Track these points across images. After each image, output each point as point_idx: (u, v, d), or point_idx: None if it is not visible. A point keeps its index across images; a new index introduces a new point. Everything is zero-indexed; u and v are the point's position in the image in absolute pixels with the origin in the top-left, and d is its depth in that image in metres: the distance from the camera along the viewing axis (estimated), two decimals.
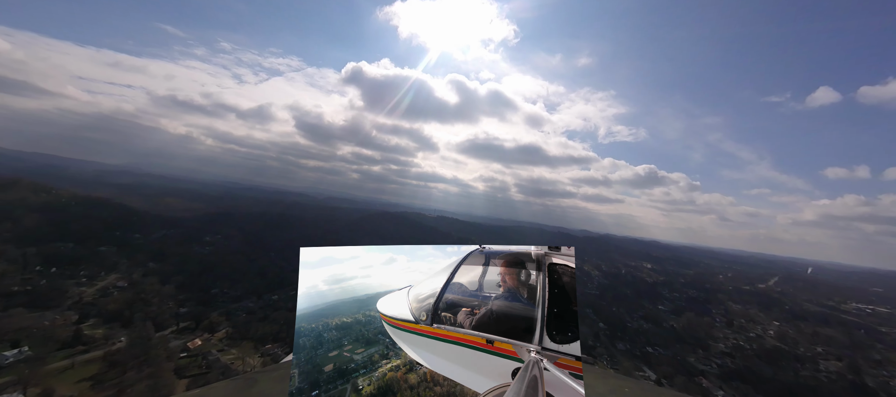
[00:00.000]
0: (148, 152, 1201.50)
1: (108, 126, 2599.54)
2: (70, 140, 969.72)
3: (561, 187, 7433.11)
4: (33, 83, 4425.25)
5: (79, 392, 37.82)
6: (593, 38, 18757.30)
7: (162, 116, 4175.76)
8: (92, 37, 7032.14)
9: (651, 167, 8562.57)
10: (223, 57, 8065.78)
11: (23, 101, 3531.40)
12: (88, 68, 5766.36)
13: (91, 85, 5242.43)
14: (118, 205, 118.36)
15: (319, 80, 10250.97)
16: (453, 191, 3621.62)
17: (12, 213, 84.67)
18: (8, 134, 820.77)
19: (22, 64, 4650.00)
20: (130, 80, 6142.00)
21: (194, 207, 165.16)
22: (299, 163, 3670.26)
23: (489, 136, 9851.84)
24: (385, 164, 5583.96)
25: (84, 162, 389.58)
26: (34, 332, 46.21)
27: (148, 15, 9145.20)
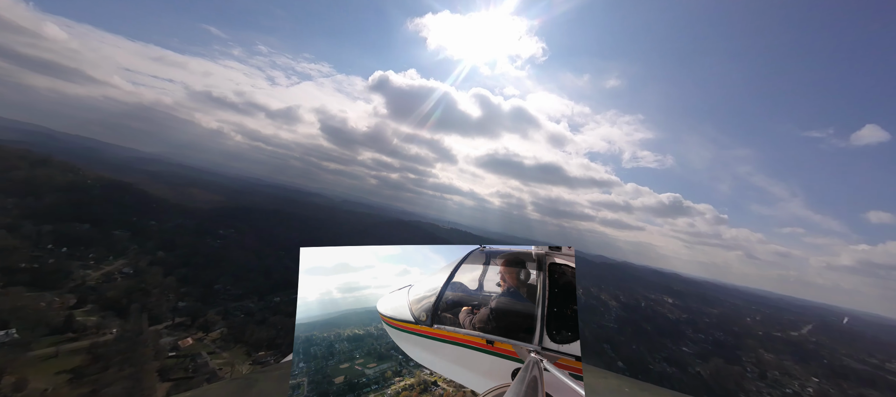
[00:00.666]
0: (180, 144, 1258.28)
1: (147, 116, 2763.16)
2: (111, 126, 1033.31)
3: (579, 209, 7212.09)
4: (84, 71, 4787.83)
5: (54, 385, 35.20)
6: (624, 60, 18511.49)
7: (196, 110, 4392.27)
8: (142, 32, 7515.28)
9: (676, 196, 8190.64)
10: (259, 59, 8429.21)
11: (72, 87, 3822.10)
12: (135, 61, 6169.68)
13: (135, 76, 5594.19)
14: (140, 191, 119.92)
15: (347, 87, 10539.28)
16: (468, 204, 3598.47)
17: (37, 190, 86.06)
18: (55, 116, 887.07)
19: (75, 53, 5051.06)
20: (171, 75, 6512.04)
21: (214, 200, 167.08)
22: (321, 164, 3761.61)
23: (509, 152, 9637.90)
24: (403, 172, 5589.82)
25: (120, 147, 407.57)
26: (28, 313, 44.45)
27: (194, 15, 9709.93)
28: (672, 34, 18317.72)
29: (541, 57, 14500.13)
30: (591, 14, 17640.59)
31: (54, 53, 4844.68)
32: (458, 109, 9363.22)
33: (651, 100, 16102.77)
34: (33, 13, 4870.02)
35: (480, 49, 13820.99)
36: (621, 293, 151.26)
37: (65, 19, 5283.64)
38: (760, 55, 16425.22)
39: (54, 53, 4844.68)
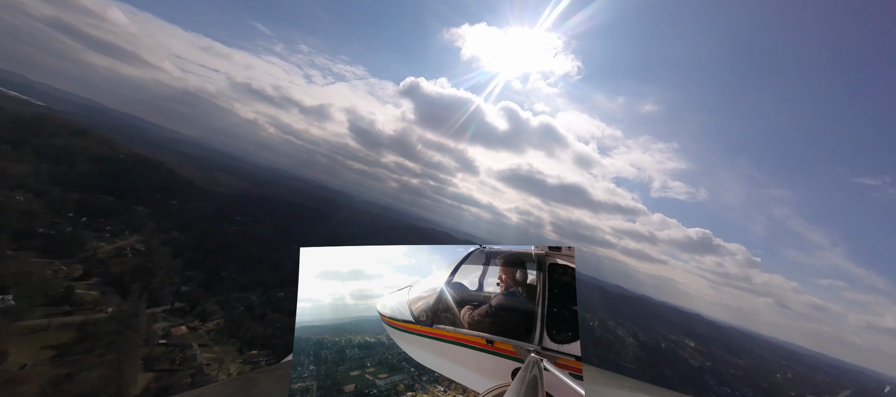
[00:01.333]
0: (217, 130, 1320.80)
1: (191, 101, 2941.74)
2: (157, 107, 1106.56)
3: (600, 235, 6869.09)
4: (139, 54, 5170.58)
5: (35, 361, 33.33)
6: (664, 85, 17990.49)
7: (236, 100, 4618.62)
8: (195, 23, 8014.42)
9: (705, 232, 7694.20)
10: (299, 57, 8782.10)
11: (127, 68, 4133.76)
12: (185, 49, 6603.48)
13: (184, 64, 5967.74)
14: (169, 170, 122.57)
15: (379, 91, 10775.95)
16: (485, 217, 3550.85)
17: (72, 159, 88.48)
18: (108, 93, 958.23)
19: (134, 37, 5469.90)
20: (217, 65, 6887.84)
21: (239, 186, 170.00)
22: (345, 163, 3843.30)
23: (532, 169, 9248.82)
24: (424, 179, 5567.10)
25: (161, 127, 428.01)
26: (30, 280, 43.51)
27: (244, 12, 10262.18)
28: (720, 64, 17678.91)
29: (575, 75, 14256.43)
30: (634, 36, 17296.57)
31: (115, 36, 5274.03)
32: (485, 121, 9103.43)
33: (688, 129, 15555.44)
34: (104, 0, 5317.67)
35: (513, 62, 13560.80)
36: (640, 330, 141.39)
37: (129, 6, 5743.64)
38: (815, 94, 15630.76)
39: (115, 36, 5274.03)
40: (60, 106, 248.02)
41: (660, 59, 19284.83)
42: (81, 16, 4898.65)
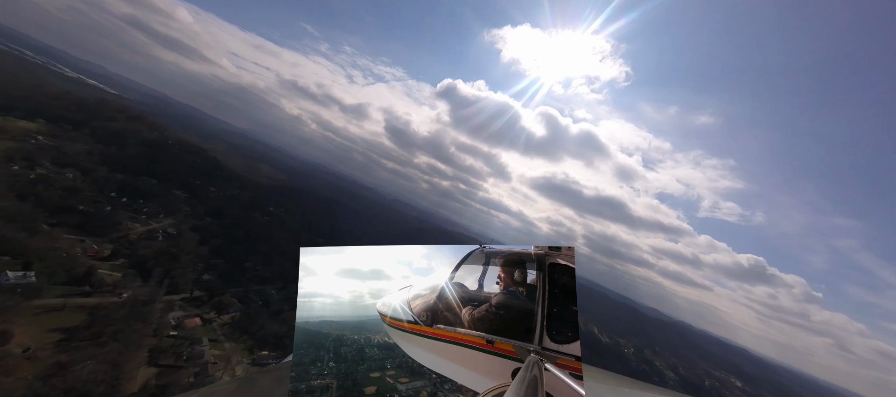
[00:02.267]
0: (264, 123, 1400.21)
1: (243, 96, 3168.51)
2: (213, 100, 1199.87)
3: (637, 253, 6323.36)
4: (200, 51, 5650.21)
5: (40, 344, 31.70)
6: (722, 95, 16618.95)
7: (283, 97, 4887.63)
8: (251, 23, 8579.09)
9: (759, 260, 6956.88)
10: (343, 57, 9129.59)
11: (189, 63, 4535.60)
12: (241, 47, 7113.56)
13: (239, 61, 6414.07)
14: (212, 157, 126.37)
15: (416, 92, 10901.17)
16: (514, 225, 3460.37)
17: (123, 141, 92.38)
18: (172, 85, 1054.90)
19: (196, 34, 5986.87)
20: (268, 63, 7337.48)
21: (277, 177, 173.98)
22: (379, 161, 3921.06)
23: (568, 179, 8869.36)
24: (454, 182, 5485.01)
25: (214, 118, 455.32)
26: (57, 256, 43.11)
27: (294, 12, 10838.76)
28: (798, 76, 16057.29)
29: (622, 82, 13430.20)
30: (692, 41, 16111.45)
31: (180, 33, 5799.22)
32: (522, 126, 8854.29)
33: (748, 145, 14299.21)
34: None
35: (556, 66, 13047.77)
36: (680, 362, 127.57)
37: (194, 6, 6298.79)
38: None
39: (180, 33, 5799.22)
40: (130, 95, 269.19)
41: (722, 67, 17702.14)
42: (153, 14, 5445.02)
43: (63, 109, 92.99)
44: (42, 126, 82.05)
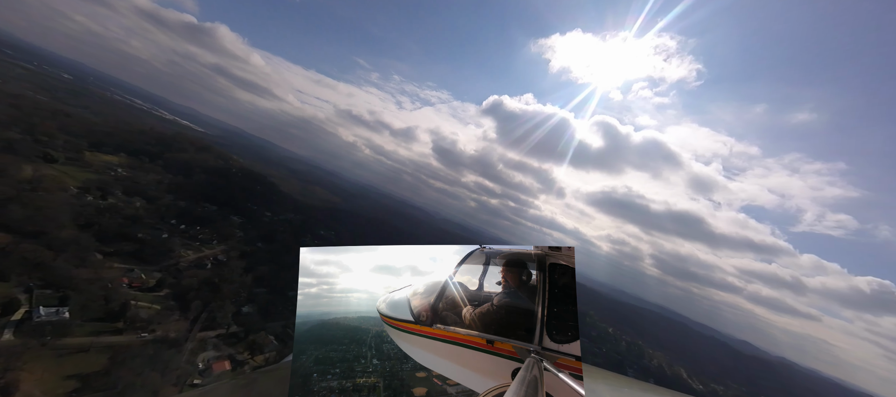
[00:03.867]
0: (324, 150, 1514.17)
1: (305, 126, 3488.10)
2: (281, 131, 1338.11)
3: (720, 276, 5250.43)
4: (270, 89, 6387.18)
5: (48, 394, 27.74)
6: (826, 87, 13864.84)
7: (339, 125, 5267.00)
8: (312, 62, 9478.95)
9: (885, 284, 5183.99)
10: (392, 86, 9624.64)
11: (261, 101, 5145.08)
12: (303, 84, 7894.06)
13: (303, 96, 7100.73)
14: (270, 183, 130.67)
15: (461, 113, 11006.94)
16: (569, 244, 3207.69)
17: (190, 170, 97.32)
18: (247, 121, 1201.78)
19: (267, 75, 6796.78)
20: (326, 96, 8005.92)
21: (331, 200, 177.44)
22: (427, 181, 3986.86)
23: (631, 193, 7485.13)
24: (503, 199, 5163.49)
25: (280, 148, 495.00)
26: (100, 286, 41.21)
27: (348, 48, 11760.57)
28: None
29: (693, 81, 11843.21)
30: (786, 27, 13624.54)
31: (254, 76, 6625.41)
32: (575, 138, 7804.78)
33: (863, 145, 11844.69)
34: (246, 46, 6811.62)
35: (612, 71, 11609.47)
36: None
37: (265, 52, 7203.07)
38: None
39: (254, 76, 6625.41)
40: (211, 130, 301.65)
41: (825, 53, 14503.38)
42: (231, 60, 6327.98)
43: (144, 143, 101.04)
44: (123, 159, 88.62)
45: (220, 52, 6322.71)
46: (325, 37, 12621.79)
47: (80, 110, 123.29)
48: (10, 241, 41.47)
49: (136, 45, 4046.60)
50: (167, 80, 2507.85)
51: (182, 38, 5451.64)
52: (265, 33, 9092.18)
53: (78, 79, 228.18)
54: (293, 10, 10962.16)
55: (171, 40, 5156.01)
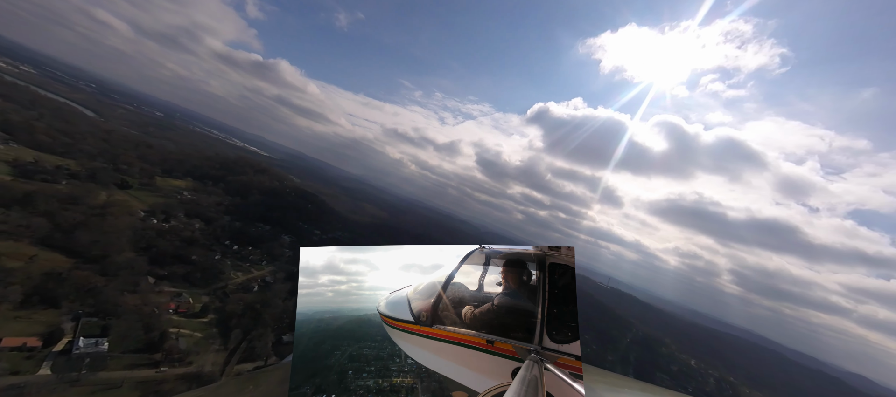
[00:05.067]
0: (374, 168, 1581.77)
1: (356, 147, 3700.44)
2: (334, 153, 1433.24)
3: (821, 295, 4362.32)
4: (325, 114, 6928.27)
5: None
6: None
7: (386, 144, 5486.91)
8: (361, 87, 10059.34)
9: None
10: (434, 103, 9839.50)
11: (317, 125, 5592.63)
12: (354, 107, 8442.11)
13: (353, 118, 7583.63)
14: (322, 201, 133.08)
15: (503, 124, 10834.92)
16: (629, 257, 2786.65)
17: (247, 191, 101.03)
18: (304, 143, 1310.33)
19: (322, 102, 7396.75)
20: (374, 117, 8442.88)
21: (379, 216, 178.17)
22: (472, 194, 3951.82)
23: (703, 199, 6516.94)
24: (553, 211, 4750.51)
25: (335, 167, 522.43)
26: (145, 313, 39.93)
27: (393, 72, 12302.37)
28: None
29: (776, 69, 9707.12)
30: None
31: (311, 103, 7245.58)
32: (633, 141, 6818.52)
33: None
34: (304, 77, 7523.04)
35: (674, 65, 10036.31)
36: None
37: (320, 81, 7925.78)
38: None
39: (311, 103, 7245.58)
40: (275, 154, 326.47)
41: None
42: (291, 91, 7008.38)
43: (209, 167, 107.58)
44: (190, 183, 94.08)
45: (281, 85, 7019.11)
46: (372, 63, 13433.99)
47: (163, 141, 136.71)
48: (70, 266, 42.15)
49: (214, 83, 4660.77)
50: (239, 112, 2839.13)
51: (250, 74, 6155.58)
52: (319, 64, 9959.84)
53: (167, 115, 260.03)
54: (343, 42, 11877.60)
55: (241, 77, 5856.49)
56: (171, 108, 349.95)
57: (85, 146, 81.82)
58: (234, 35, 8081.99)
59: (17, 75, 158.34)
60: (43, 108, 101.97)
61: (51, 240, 44.90)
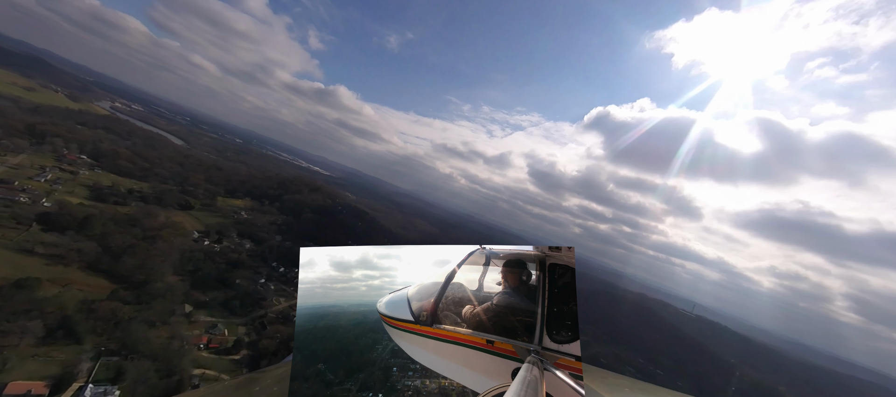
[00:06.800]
0: (425, 183, 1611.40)
1: (407, 163, 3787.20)
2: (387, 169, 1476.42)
3: None
4: (378, 134, 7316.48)
5: None
6: None
7: (436, 159, 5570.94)
8: (410, 106, 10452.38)
9: None
10: (481, 116, 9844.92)
11: (372, 145, 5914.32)
12: (405, 125, 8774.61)
13: (404, 136, 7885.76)
14: (372, 218, 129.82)
15: (555, 133, 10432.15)
16: (711, 277, 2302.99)
17: (300, 209, 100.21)
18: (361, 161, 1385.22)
19: (377, 123, 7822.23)
20: (424, 134, 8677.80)
21: (429, 231, 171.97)
22: (525, 207, 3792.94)
23: (809, 209, 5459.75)
24: (615, 224, 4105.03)
25: (388, 183, 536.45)
26: (171, 350, 35.18)
27: (440, 89, 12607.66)
28: None
29: None
30: None
31: (367, 124, 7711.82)
32: (715, 143, 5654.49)
33: None
34: (359, 101, 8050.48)
35: (766, 51, 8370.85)
36: None
37: (375, 103, 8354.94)
38: None
39: (367, 124, 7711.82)
40: (336, 173, 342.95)
41: None
42: (349, 114, 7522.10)
43: (268, 187, 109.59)
44: (248, 202, 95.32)
45: (340, 108, 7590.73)
46: (420, 82, 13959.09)
47: (237, 164, 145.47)
48: (107, 293, 39.46)
49: (285, 111, 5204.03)
50: (305, 136, 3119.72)
51: (314, 101, 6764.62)
52: (373, 87, 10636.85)
53: (245, 141, 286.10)
54: (393, 65, 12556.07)
55: (306, 104, 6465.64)
56: (250, 135, 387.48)
57: (160, 170, 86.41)
58: (299, 66, 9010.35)
59: (128, 112, 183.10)
60: (137, 138, 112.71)
61: (97, 264, 43.21)
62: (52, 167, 64.69)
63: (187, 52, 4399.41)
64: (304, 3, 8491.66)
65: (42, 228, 44.73)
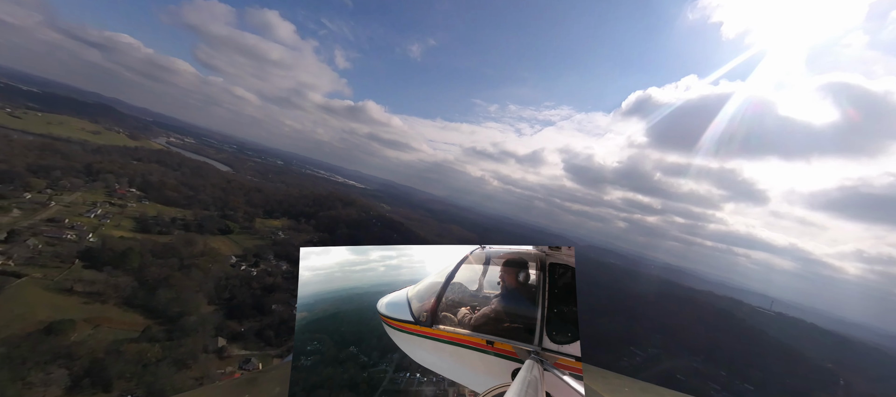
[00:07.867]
0: (457, 188, 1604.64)
1: (437, 169, 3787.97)
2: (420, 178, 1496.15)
3: None
4: (408, 143, 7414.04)
5: None
6: None
7: (466, 163, 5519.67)
8: (437, 113, 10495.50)
9: None
10: (509, 116, 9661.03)
11: (403, 154, 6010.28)
12: (433, 133, 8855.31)
13: (433, 143, 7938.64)
14: (407, 229, 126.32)
15: (587, 125, 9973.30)
16: (781, 265, 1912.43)
17: (334, 225, 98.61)
18: (393, 172, 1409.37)
19: (405, 132, 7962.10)
20: (451, 139, 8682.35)
21: (466, 237, 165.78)
22: (563, 205, 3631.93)
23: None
24: (665, 215, 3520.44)
25: (420, 191, 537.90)
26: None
27: (465, 92, 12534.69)
28: None
29: None
30: None
31: (396, 135, 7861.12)
32: (780, 117, 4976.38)
33: None
34: (388, 114, 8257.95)
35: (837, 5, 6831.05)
36: None
37: (404, 114, 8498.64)
38: None
39: (396, 135, 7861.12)
40: (370, 185, 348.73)
41: None
42: (378, 127, 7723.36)
43: (304, 205, 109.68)
44: (285, 221, 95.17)
45: (370, 122, 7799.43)
46: (445, 87, 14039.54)
47: (278, 185, 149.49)
48: (140, 332, 37.58)
49: (320, 131, 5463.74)
50: (340, 153, 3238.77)
51: (346, 118, 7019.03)
52: (400, 98, 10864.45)
53: (286, 163, 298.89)
54: (417, 74, 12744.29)
55: (339, 122, 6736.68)
56: (290, 157, 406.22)
57: (204, 196, 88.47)
58: (329, 86, 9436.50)
59: (181, 145, 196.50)
60: (186, 168, 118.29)
61: (133, 299, 41.98)
62: (102, 202, 66.97)
63: (230, 85, 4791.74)
64: (327, 25, 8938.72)
65: (84, 265, 44.52)
